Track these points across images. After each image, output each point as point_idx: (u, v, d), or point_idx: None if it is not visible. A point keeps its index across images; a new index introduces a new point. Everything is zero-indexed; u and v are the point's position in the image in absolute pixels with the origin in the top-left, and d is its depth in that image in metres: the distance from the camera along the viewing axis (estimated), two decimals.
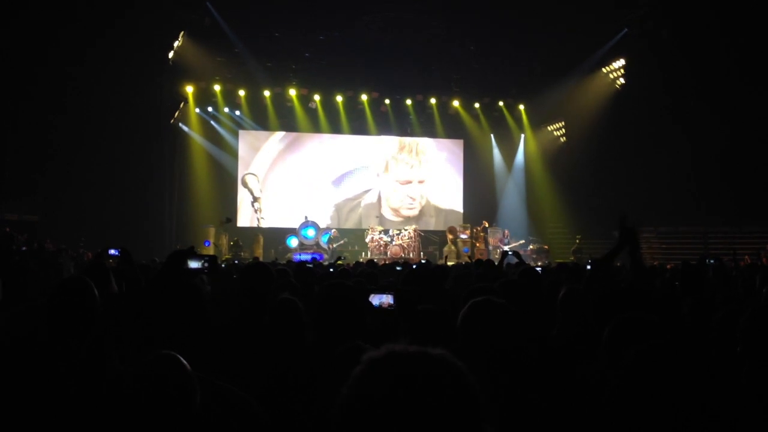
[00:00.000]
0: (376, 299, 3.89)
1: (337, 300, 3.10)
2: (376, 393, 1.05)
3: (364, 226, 24.85)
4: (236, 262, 14.67)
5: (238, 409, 2.13)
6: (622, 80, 22.17)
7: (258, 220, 24.67)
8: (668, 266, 13.31)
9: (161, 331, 2.27)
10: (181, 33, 20.05)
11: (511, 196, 26.22)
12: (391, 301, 3.81)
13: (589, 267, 9.34)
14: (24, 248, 13.66)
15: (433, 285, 6.11)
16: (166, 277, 3.16)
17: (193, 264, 3.83)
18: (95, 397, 2.23)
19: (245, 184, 24.54)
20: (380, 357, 1.10)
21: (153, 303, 2.36)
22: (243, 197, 24.85)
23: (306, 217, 23.75)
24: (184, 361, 1.79)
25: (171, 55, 20.43)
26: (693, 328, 3.57)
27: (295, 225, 23.49)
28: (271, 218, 24.84)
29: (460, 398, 1.05)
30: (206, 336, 2.41)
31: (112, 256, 5.70)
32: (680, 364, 1.83)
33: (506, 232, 24.00)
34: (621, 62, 22.03)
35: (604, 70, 22.58)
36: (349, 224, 25.36)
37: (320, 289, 3.38)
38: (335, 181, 25.69)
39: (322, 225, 23.87)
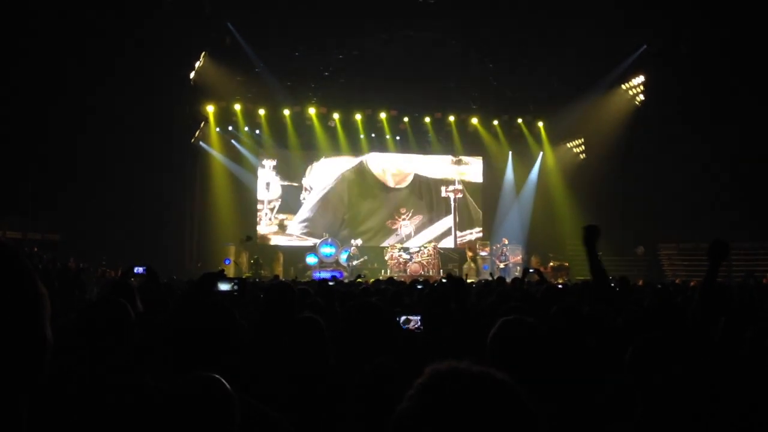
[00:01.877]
0: (401, 320, 3.90)
1: (366, 320, 3.11)
2: (440, 408, 1.05)
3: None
4: (257, 280, 14.70)
5: (270, 428, 2.14)
6: (641, 97, 22.12)
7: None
8: (691, 283, 13.18)
9: (196, 351, 2.29)
10: (202, 53, 20.28)
11: (525, 213, 26.05)
12: (418, 323, 3.81)
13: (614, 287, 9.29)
14: (49, 266, 13.81)
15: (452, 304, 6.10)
16: (198, 298, 3.19)
17: (223, 286, 3.86)
18: (128, 414, 2.25)
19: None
20: (445, 372, 1.10)
21: (187, 323, 2.39)
22: (263, 216, 24.95)
23: (325, 235, 23.82)
24: (224, 382, 1.81)
25: (192, 75, 20.66)
26: (725, 346, 3.54)
27: (315, 243, 23.63)
28: (291, 236, 24.95)
29: (521, 423, 1.06)
30: (237, 356, 2.43)
31: (137, 274, 5.74)
32: (712, 386, 1.82)
33: (504, 249, 23.90)
34: (640, 79, 21.99)
35: (623, 86, 22.56)
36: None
37: (348, 308, 3.39)
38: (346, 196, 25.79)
39: (340, 242, 23.92)
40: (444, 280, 12.50)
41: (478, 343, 2.86)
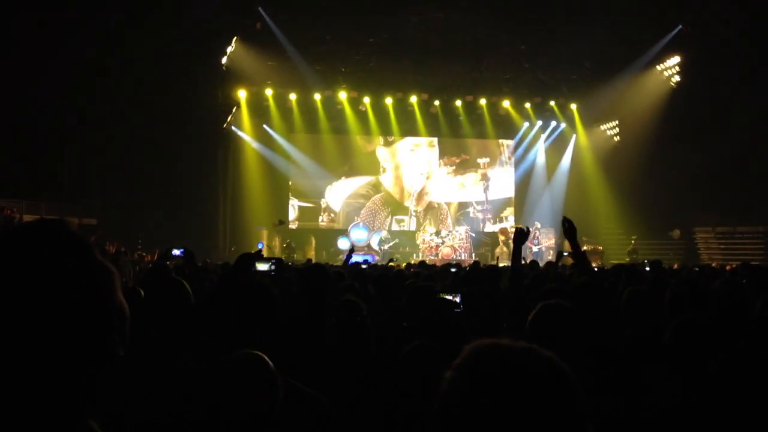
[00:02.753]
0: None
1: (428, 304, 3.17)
2: (486, 386, 1.04)
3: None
4: (290, 264, 14.77)
5: (311, 408, 2.16)
6: (677, 78, 21.71)
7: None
8: (727, 267, 13.00)
9: (236, 331, 2.31)
10: (234, 38, 20.35)
11: (560, 196, 25.78)
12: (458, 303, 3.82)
13: (648, 269, 9.19)
14: None
15: (487, 285, 6.10)
16: (237, 278, 3.23)
17: (261, 267, 3.90)
18: (174, 393, 2.28)
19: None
20: (488, 350, 1.09)
21: (227, 303, 2.41)
22: (294, 201, 25.07)
23: (357, 219, 23.88)
24: (268, 360, 1.83)
25: (224, 60, 20.75)
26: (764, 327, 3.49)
27: (346, 226, 23.75)
28: (323, 219, 25.04)
29: (565, 397, 1.05)
30: (276, 336, 2.45)
31: (175, 256, 5.81)
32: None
33: (537, 233, 23.77)
34: (676, 59, 21.57)
35: (658, 67, 22.15)
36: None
37: (409, 293, 3.45)
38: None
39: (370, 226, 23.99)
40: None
41: (518, 324, 2.85)
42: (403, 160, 25.90)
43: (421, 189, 25.76)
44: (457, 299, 3.81)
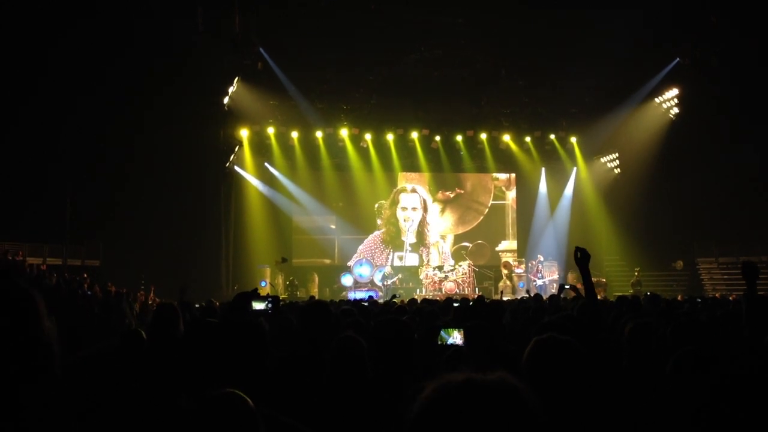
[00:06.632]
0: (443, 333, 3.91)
1: (390, 336, 3.17)
2: (446, 413, 1.04)
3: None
4: (291, 302, 14.72)
5: None
6: (675, 110, 21.87)
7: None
8: (731, 297, 12.97)
9: (226, 369, 2.31)
10: (236, 78, 20.57)
11: (561, 229, 25.72)
12: (460, 338, 3.79)
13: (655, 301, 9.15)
14: (89, 292, 14.00)
15: (490, 320, 6.08)
16: (231, 317, 3.24)
17: (257, 305, 3.90)
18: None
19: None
20: (455, 380, 1.08)
21: (218, 342, 2.42)
22: (298, 239, 25.05)
23: (360, 255, 23.83)
24: (247, 398, 1.82)
25: (226, 100, 20.95)
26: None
27: (350, 263, 23.70)
28: (325, 256, 24.98)
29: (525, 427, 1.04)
30: (268, 373, 2.45)
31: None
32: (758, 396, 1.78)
33: (539, 266, 23.75)
34: (674, 92, 21.76)
35: (657, 100, 22.33)
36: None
37: (375, 324, 3.44)
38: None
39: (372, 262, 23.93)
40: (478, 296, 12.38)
41: (517, 360, 2.84)
42: (400, 198, 25.93)
43: (418, 224, 25.72)
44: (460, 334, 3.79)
